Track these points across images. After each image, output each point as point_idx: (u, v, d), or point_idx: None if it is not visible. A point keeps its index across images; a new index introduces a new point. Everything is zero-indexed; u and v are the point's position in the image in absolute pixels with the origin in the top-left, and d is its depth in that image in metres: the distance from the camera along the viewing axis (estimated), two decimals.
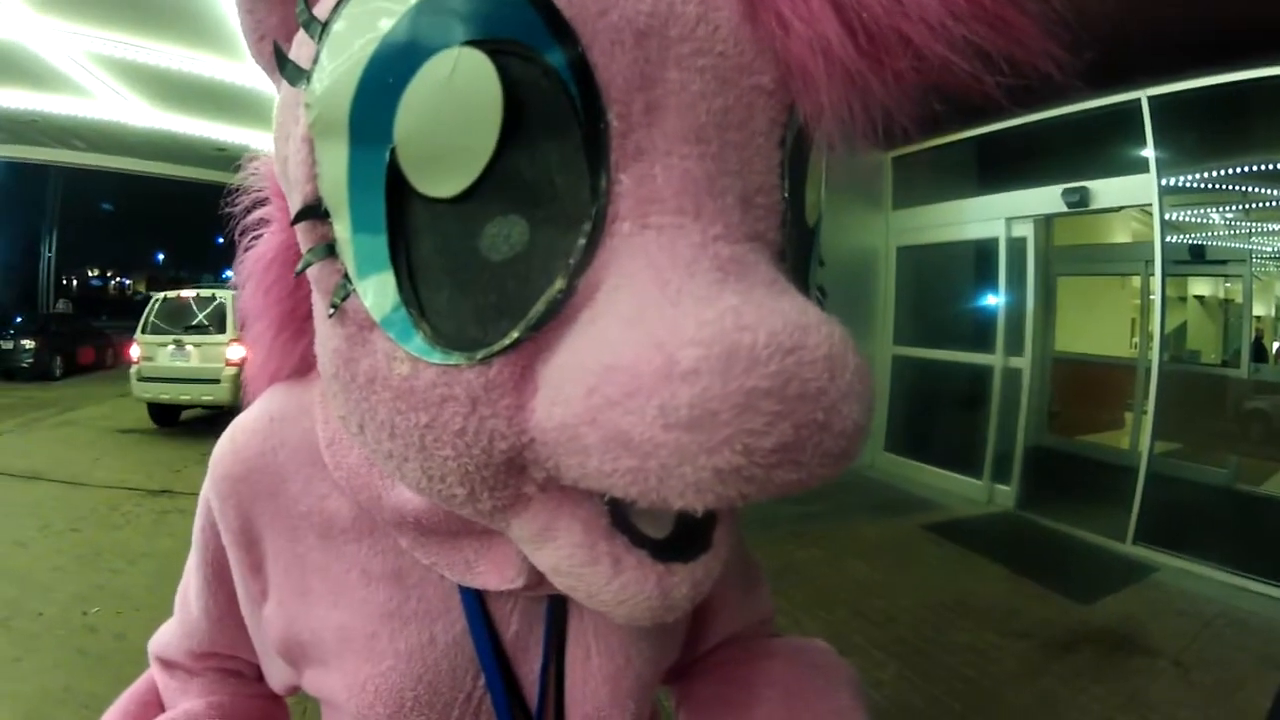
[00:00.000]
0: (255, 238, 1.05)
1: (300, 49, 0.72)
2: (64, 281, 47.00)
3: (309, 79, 0.68)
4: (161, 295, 14.17)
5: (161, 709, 1.18)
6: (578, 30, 0.61)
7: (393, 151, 0.64)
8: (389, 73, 0.63)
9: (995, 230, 8.80)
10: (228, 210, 1.07)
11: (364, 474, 0.89)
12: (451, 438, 0.66)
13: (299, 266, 0.74)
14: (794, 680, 1.10)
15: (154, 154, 19.77)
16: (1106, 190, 7.79)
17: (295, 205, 0.72)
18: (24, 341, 21.75)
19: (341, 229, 0.69)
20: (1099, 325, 11.76)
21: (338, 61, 0.66)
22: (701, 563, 0.71)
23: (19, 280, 34.66)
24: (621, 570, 0.68)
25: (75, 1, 10.46)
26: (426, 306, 0.66)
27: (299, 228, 0.73)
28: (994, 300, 9.02)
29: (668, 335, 0.54)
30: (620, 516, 0.69)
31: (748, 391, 0.53)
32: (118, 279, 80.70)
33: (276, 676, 1.10)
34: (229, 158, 15.27)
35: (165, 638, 1.20)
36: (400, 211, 0.66)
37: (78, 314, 28.49)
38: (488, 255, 0.64)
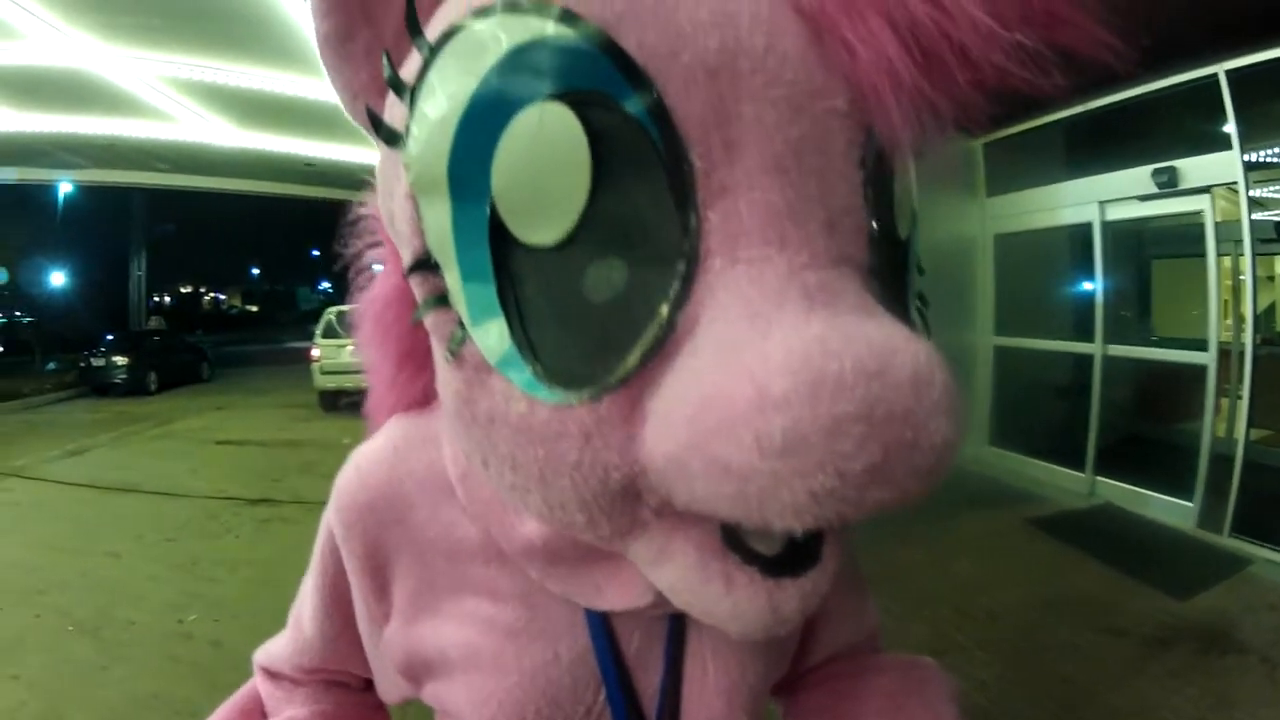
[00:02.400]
0: (370, 278, 1.09)
1: (393, 110, 0.76)
2: (155, 299, 47.97)
3: (404, 141, 0.72)
4: (336, 309, 17.42)
5: (263, 717, 1.23)
6: (652, 75, 0.64)
7: (492, 205, 0.67)
8: (480, 131, 0.66)
9: (1089, 215, 8.57)
10: (341, 247, 1.12)
11: (497, 507, 0.91)
12: (568, 470, 0.69)
13: (415, 316, 0.79)
14: (899, 696, 1.15)
15: (241, 172, 19.99)
16: (1194, 169, 7.50)
17: (406, 259, 0.77)
18: (115, 358, 22.36)
19: (452, 280, 0.73)
20: (1189, 308, 11.48)
21: (430, 123, 0.69)
22: (810, 577, 0.73)
23: (110, 299, 35.41)
24: (734, 587, 0.71)
25: (143, 30, 10.63)
26: (537, 348, 0.69)
27: (412, 279, 0.77)
28: (1090, 287, 8.79)
29: (759, 367, 0.57)
30: (732, 536, 0.71)
31: (836, 417, 0.54)
32: (211, 294, 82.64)
33: (391, 691, 1.14)
34: (319, 173, 15.52)
35: (273, 651, 1.25)
36: (505, 260, 0.69)
37: (171, 330, 29.12)
38: (591, 297, 0.67)
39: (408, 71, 0.73)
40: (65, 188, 24.81)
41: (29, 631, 6.04)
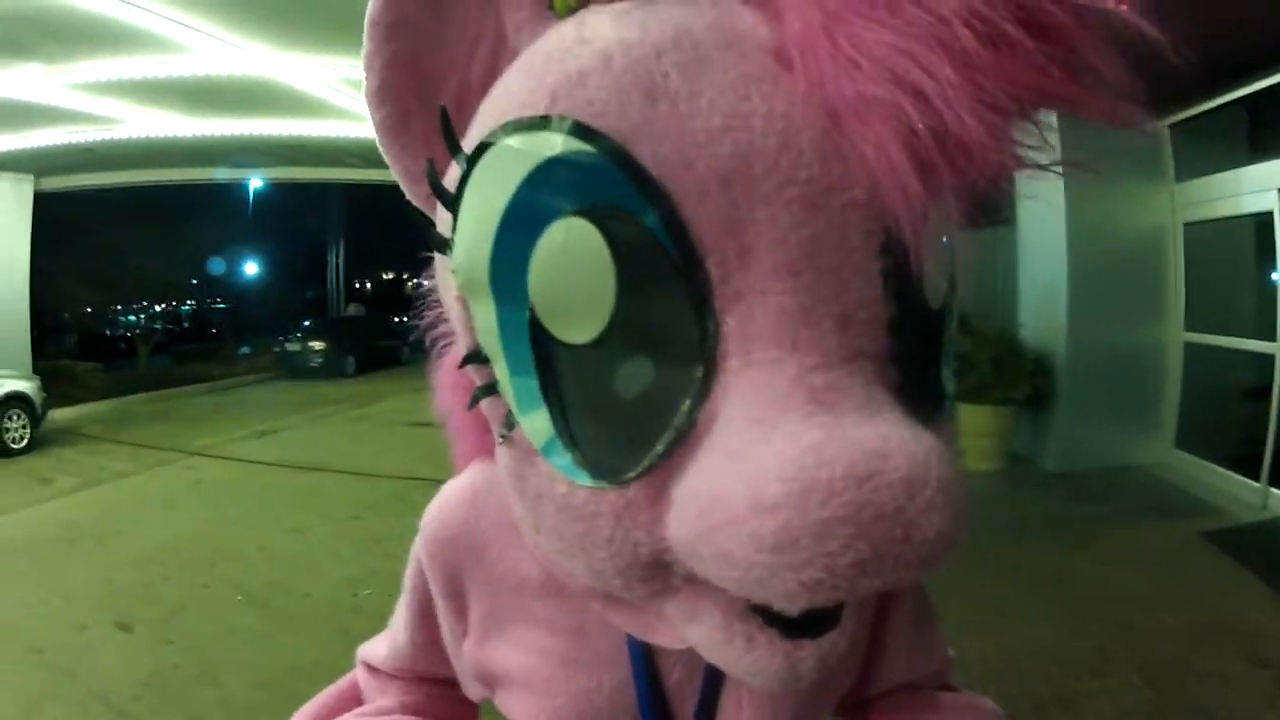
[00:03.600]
0: (446, 345, 1.14)
1: (440, 216, 0.81)
2: (356, 285, 49.59)
3: (450, 247, 0.78)
4: None
5: (359, 703, 1.32)
6: (666, 188, 0.66)
7: (531, 308, 0.72)
8: (515, 242, 0.71)
9: (1268, 203, 7.98)
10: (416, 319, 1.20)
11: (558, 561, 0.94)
12: (603, 544, 0.75)
13: (470, 402, 0.84)
14: None
15: None
16: None
17: (461, 351, 0.84)
18: (312, 344, 23.32)
19: (500, 373, 0.78)
20: None
21: (470, 234, 0.75)
22: (829, 639, 0.76)
23: (309, 287, 36.65)
24: (754, 647, 0.75)
25: (319, 37, 10.98)
26: (576, 437, 0.75)
27: (467, 369, 0.83)
28: (1274, 279, 8.22)
29: (757, 472, 0.62)
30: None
31: (824, 521, 0.59)
32: (414, 280, 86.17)
33: (472, 691, 1.22)
34: None
35: (374, 649, 1.35)
36: (547, 356, 0.74)
37: (370, 315, 30.02)
38: (622, 393, 0.72)
39: (450, 180, 0.78)
40: (256, 183, 25.70)
41: (194, 600, 6.35)
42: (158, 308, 26.12)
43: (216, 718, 4.68)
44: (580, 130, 0.67)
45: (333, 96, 14.00)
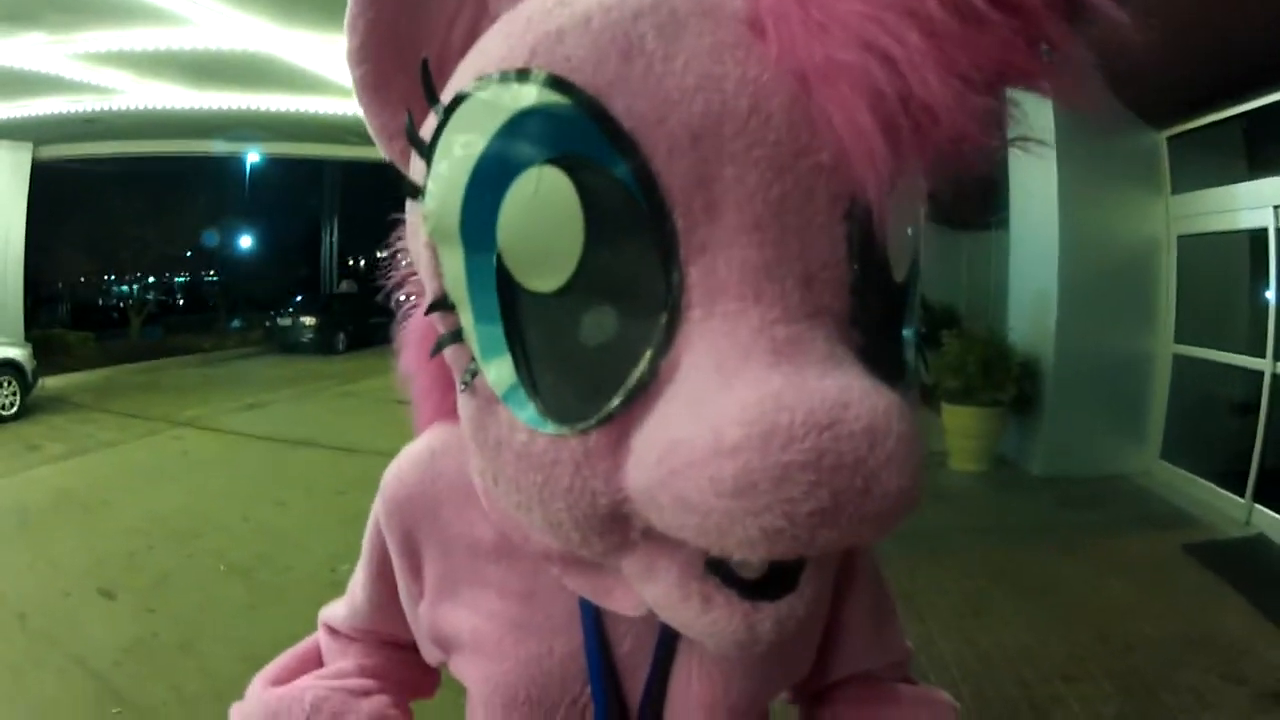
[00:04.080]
0: (413, 305, 1.23)
1: (414, 165, 0.83)
2: (350, 262, 49.54)
3: (423, 195, 0.79)
4: None
5: (320, 665, 1.37)
6: (638, 142, 0.68)
7: (499, 255, 0.74)
8: (486, 190, 0.72)
9: (1264, 220, 7.93)
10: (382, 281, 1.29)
11: (515, 517, 0.94)
12: (562, 494, 0.76)
13: (433, 349, 0.87)
14: None
15: None
16: None
17: (428, 295, 0.86)
18: (304, 319, 23.35)
19: (465, 319, 0.80)
20: None
21: (444, 181, 0.76)
22: (786, 602, 0.78)
23: (302, 263, 36.61)
24: (711, 607, 0.77)
25: (317, 12, 11.02)
26: (538, 384, 0.76)
27: (432, 317, 0.85)
28: (1267, 297, 8.20)
29: (718, 416, 0.63)
30: (715, 560, 0.75)
31: (784, 465, 0.60)
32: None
33: (429, 654, 1.23)
34: None
35: (334, 611, 1.40)
36: (512, 304, 0.76)
37: (362, 293, 30.05)
38: (585, 341, 0.73)
39: (426, 130, 0.80)
40: (253, 158, 25.70)
41: (178, 570, 6.41)
42: (151, 279, 26.07)
43: (196, 686, 4.70)
44: (556, 83, 0.69)
45: (333, 73, 14.01)
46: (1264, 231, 7.87)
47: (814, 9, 0.65)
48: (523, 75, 0.71)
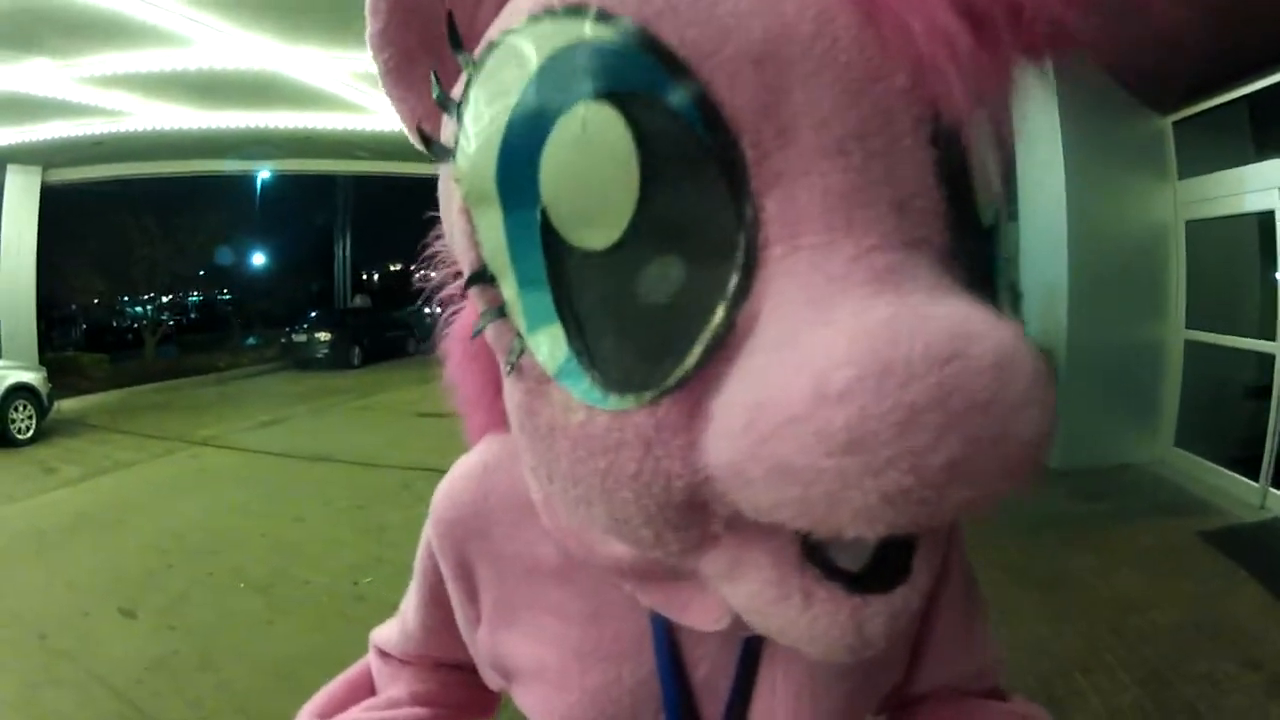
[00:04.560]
0: (455, 311, 1.14)
1: (445, 128, 0.77)
2: (363, 277, 49.70)
3: (454, 156, 0.72)
4: None
5: (371, 692, 1.29)
6: (695, 69, 0.60)
7: (543, 212, 0.66)
8: (524, 139, 0.65)
9: (1270, 202, 7.91)
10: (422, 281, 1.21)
11: (576, 527, 0.88)
12: (629, 480, 0.66)
13: (474, 330, 0.79)
14: None
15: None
16: None
17: (465, 273, 0.77)
18: (318, 334, 23.53)
19: (508, 290, 0.72)
20: None
21: (475, 136, 0.69)
22: (899, 594, 0.68)
23: (316, 278, 36.72)
24: (812, 604, 0.65)
25: (323, 30, 11.13)
26: (595, 354, 0.67)
27: (471, 293, 0.77)
28: (1273, 279, 8.11)
29: (818, 357, 0.53)
30: (813, 549, 0.65)
31: (908, 407, 0.50)
32: (423, 270, 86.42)
33: (490, 680, 1.16)
34: None
35: (386, 634, 1.32)
36: (560, 266, 0.67)
37: (377, 307, 30.16)
38: (647, 298, 0.64)
39: (457, 90, 0.74)
40: (263, 175, 25.84)
41: (196, 587, 6.43)
42: (164, 299, 26.19)
43: (217, 703, 4.73)
44: (600, 14, 0.62)
45: (340, 90, 14.13)
46: (1271, 214, 7.86)
47: None
48: (559, 11, 0.64)
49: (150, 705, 4.69)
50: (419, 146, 0.84)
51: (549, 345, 0.69)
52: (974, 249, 0.68)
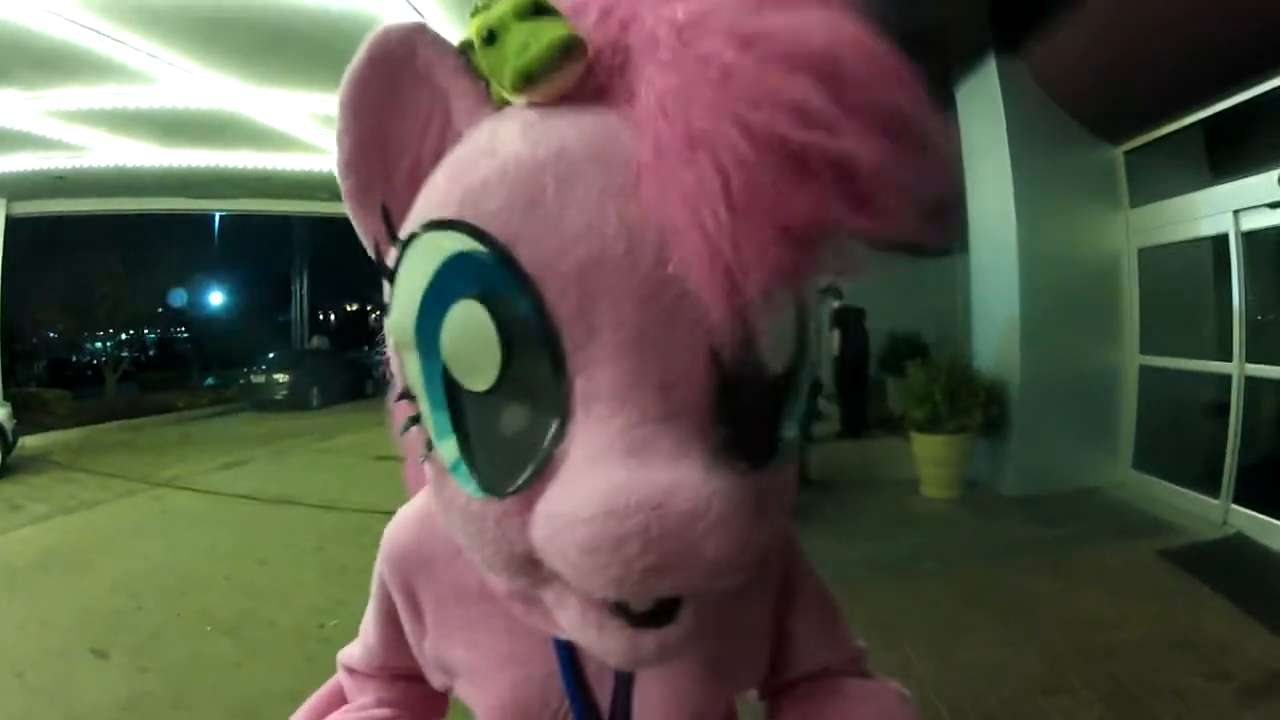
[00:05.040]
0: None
1: (386, 285, 1.01)
2: (320, 317, 49.37)
3: (389, 312, 0.99)
4: None
5: (342, 700, 1.58)
6: (537, 281, 0.85)
7: (444, 363, 0.93)
8: (432, 313, 0.91)
9: (1224, 225, 8.09)
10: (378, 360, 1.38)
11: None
12: (490, 541, 0.96)
13: (400, 430, 1.08)
14: (859, 717, 1.38)
15: None
16: None
17: (397, 391, 1.06)
18: (276, 375, 23.45)
19: (423, 408, 1.00)
20: None
21: (402, 304, 0.95)
22: (667, 630, 0.94)
23: (273, 319, 36.55)
24: (604, 632, 0.94)
25: (285, 71, 11.26)
26: (475, 461, 0.96)
27: (398, 405, 1.06)
28: (1230, 302, 8.21)
29: (580, 497, 0.82)
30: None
31: (620, 534, 0.78)
32: (379, 313, 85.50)
33: (435, 680, 1.44)
34: None
35: (351, 652, 1.61)
36: (456, 399, 0.94)
37: (334, 348, 30.03)
38: (505, 431, 0.92)
39: (390, 259, 0.99)
40: (222, 214, 25.79)
41: (166, 629, 6.45)
42: (124, 335, 25.96)
43: None
44: (477, 234, 0.87)
45: (300, 131, 14.12)
46: (1225, 237, 8.06)
47: (664, 174, 0.81)
48: (453, 225, 0.90)
49: None
50: (378, 264, 1.06)
51: (447, 450, 0.97)
52: (750, 403, 0.94)
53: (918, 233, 0.83)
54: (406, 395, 1.03)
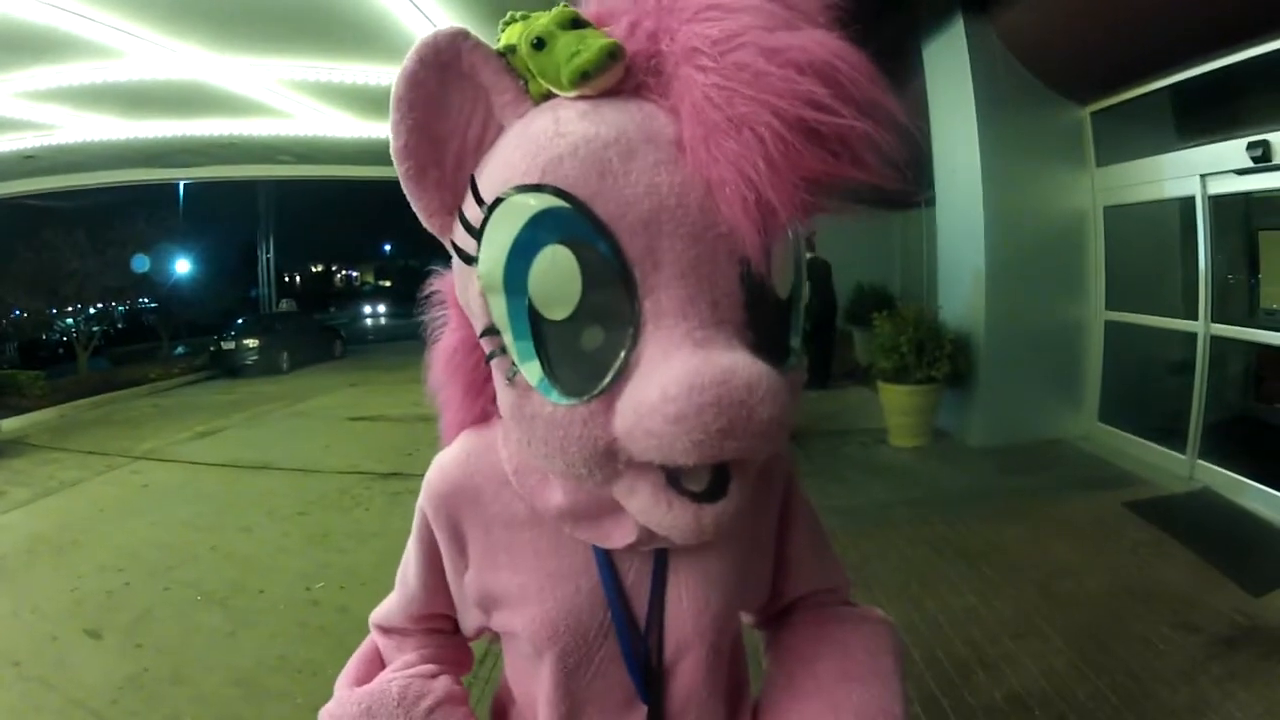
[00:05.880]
0: (439, 331, 1.59)
1: (465, 241, 1.19)
2: (286, 279, 48.97)
3: (476, 261, 1.16)
4: None
5: (382, 665, 1.68)
6: (611, 229, 1.06)
7: (529, 299, 1.11)
8: (520, 259, 1.10)
9: (1191, 188, 8.18)
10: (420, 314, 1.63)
11: (540, 489, 1.39)
12: (575, 441, 1.12)
13: (487, 356, 1.24)
14: (850, 642, 1.61)
15: (367, 159, 20.18)
16: None
17: (479, 326, 1.23)
18: (246, 341, 23.22)
19: (507, 339, 1.16)
20: None
21: (491, 254, 1.13)
22: (722, 504, 1.15)
23: (240, 284, 36.21)
24: (673, 508, 1.14)
25: (251, 38, 11.18)
26: (558, 375, 1.13)
27: (483, 340, 1.23)
28: (1197, 262, 8.28)
29: (663, 381, 1.01)
30: (673, 478, 1.12)
31: (700, 404, 0.98)
32: (343, 272, 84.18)
33: (470, 623, 1.62)
34: None
35: (385, 609, 1.73)
36: (538, 328, 1.12)
37: (302, 310, 29.95)
38: (584, 347, 1.11)
39: (472, 215, 1.17)
40: (189, 183, 25.55)
41: (157, 604, 6.51)
42: (93, 310, 25.63)
43: (194, 715, 4.84)
44: (561, 194, 1.07)
45: (265, 96, 14.04)
46: (1191, 200, 8.16)
47: (713, 146, 1.03)
48: (540, 188, 1.08)
49: None
50: (431, 229, 1.28)
51: (531, 371, 1.14)
52: (769, 315, 1.17)
53: (890, 181, 1.08)
54: (490, 331, 1.19)
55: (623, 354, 1.09)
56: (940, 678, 4.76)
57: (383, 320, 48.65)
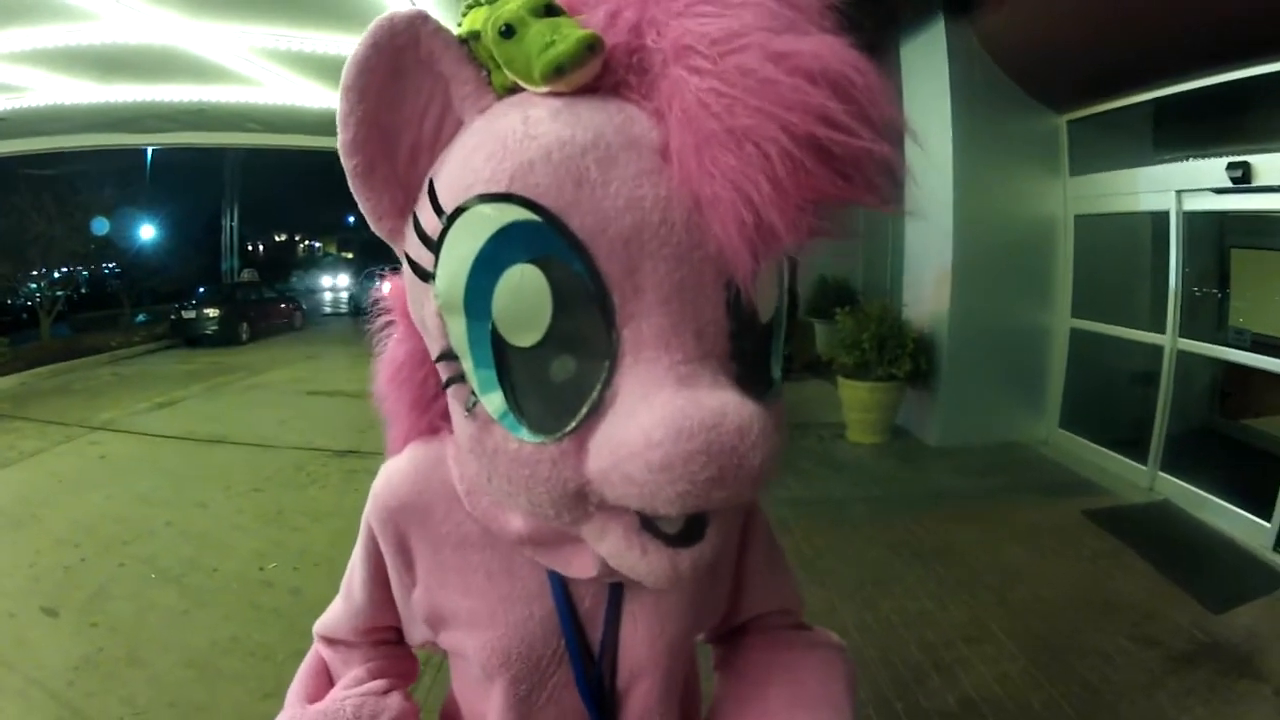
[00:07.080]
0: (385, 341, 1.52)
1: (419, 253, 1.12)
2: (249, 248, 48.66)
3: (433, 278, 1.08)
4: None
5: (330, 678, 1.66)
6: (588, 246, 0.98)
7: (493, 322, 1.04)
8: (483, 278, 1.02)
9: (1166, 203, 8.22)
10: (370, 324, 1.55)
11: (494, 512, 1.31)
12: (543, 482, 1.06)
13: (444, 383, 1.17)
14: (801, 668, 1.58)
15: (334, 130, 19.85)
16: (1272, 166, 6.94)
17: (434, 351, 1.17)
18: (207, 310, 22.95)
19: (467, 366, 1.10)
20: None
21: (450, 270, 1.05)
22: (698, 548, 1.10)
23: (203, 253, 35.91)
24: (647, 553, 1.08)
25: (227, 4, 11.07)
26: (523, 409, 1.06)
27: (440, 365, 1.16)
28: (1167, 276, 8.27)
29: (647, 423, 0.95)
30: (647, 521, 1.07)
31: (689, 452, 0.92)
32: (306, 242, 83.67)
33: (416, 636, 1.56)
34: None
35: (331, 620, 1.66)
36: (502, 355, 1.05)
37: (264, 280, 29.77)
38: (553, 378, 1.04)
39: (430, 227, 1.09)
40: (156, 148, 25.35)
41: (112, 581, 6.45)
42: (57, 274, 25.29)
43: (148, 698, 4.81)
44: (531, 205, 0.98)
45: (236, 64, 13.93)
46: (1165, 215, 8.18)
47: (705, 159, 0.95)
48: (508, 197, 0.99)
49: (87, 705, 4.74)
50: (379, 233, 1.20)
51: (494, 402, 1.07)
52: (753, 342, 1.11)
53: (896, 206, 1.05)
54: (447, 356, 1.13)
55: (598, 388, 1.02)
56: (894, 680, 4.78)
57: (343, 293, 48.07)
